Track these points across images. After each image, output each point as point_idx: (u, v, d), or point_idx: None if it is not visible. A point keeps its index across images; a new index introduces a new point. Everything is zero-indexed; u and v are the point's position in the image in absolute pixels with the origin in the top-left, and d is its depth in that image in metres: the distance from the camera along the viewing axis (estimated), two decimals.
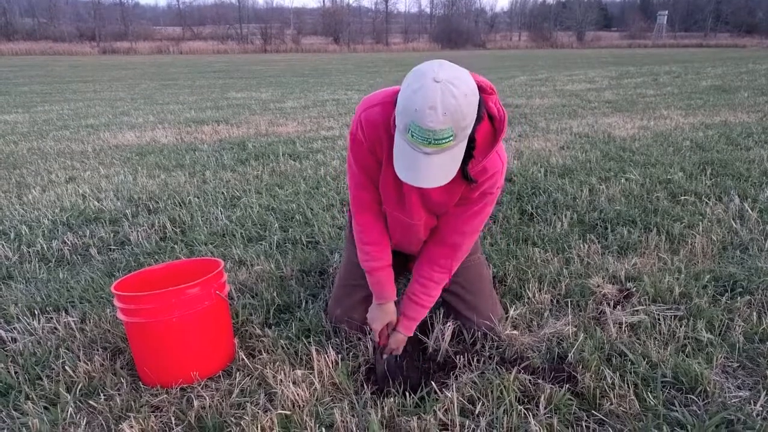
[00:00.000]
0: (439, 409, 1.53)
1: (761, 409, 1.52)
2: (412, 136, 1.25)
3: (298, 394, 1.61)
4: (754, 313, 1.99)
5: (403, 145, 1.31)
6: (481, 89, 1.36)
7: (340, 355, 1.83)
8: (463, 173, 1.45)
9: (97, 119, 7.94)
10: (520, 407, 1.53)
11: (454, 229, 1.68)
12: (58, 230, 3.17)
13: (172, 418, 1.56)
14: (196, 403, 1.61)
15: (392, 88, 1.50)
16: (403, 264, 2.02)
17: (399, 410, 1.57)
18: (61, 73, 19.89)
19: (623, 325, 1.95)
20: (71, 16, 53.59)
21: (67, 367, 1.78)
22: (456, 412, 1.51)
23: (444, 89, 1.20)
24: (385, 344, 1.80)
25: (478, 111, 1.30)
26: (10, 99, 11.05)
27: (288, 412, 1.54)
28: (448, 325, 1.91)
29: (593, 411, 1.54)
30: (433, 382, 1.66)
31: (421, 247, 1.83)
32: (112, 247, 2.94)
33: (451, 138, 1.25)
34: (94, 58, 33.84)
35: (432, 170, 1.30)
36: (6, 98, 11.21)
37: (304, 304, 2.21)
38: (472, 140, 1.37)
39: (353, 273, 1.95)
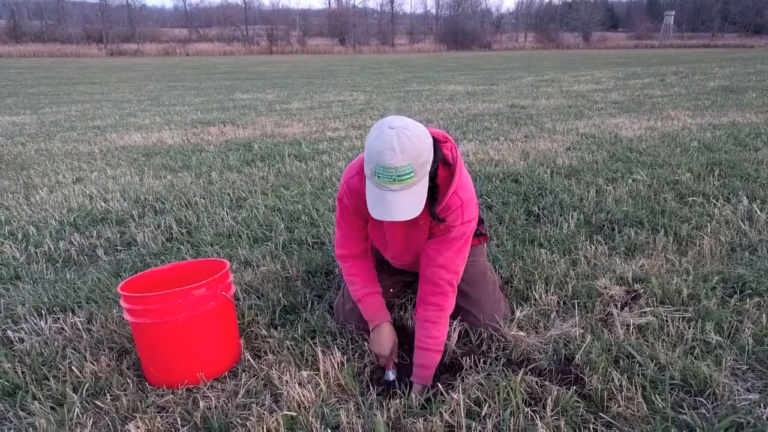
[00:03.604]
0: (445, 411, 1.52)
1: None
2: (379, 177, 1.45)
3: (303, 395, 1.61)
4: (764, 315, 1.96)
5: (372, 189, 1.51)
6: (435, 139, 1.57)
7: (345, 356, 1.83)
8: (432, 215, 1.66)
9: (104, 120, 7.99)
10: (526, 409, 1.52)
11: (431, 262, 1.76)
12: (65, 231, 3.19)
13: (178, 419, 1.57)
14: (201, 403, 1.61)
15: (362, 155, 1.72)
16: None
17: (405, 412, 1.56)
18: (69, 74, 20.03)
19: (631, 327, 1.94)
20: (79, 18, 53.98)
21: (73, 368, 1.78)
22: (462, 414, 1.51)
23: (399, 133, 1.43)
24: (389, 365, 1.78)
25: (435, 154, 1.53)
26: (18, 100, 11.13)
27: (294, 414, 1.54)
28: (454, 326, 1.91)
29: (601, 413, 1.53)
30: (439, 384, 1.65)
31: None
32: (119, 247, 2.96)
33: (412, 174, 1.44)
34: (101, 60, 34.06)
35: (399, 205, 1.47)
36: (14, 100, 11.30)
37: (310, 304, 2.20)
38: (435, 186, 1.61)
39: None
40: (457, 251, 1.74)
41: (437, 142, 1.59)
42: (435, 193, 1.62)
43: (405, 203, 1.47)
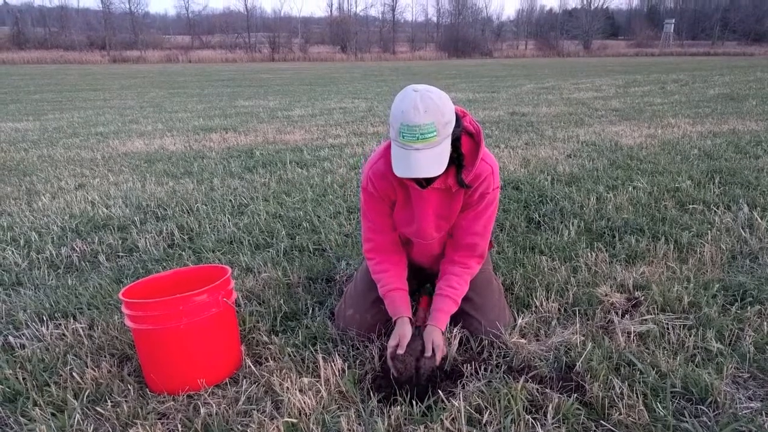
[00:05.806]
0: (446, 418, 1.52)
1: None
2: (403, 137, 1.50)
3: (304, 402, 1.61)
4: (765, 323, 1.96)
5: (397, 149, 1.56)
6: (455, 113, 1.62)
7: (346, 363, 1.83)
8: (459, 182, 1.72)
9: (106, 127, 8.02)
10: (527, 416, 1.52)
11: (466, 231, 1.84)
12: (67, 237, 3.20)
13: (179, 425, 1.57)
14: (202, 410, 1.61)
15: (385, 142, 1.78)
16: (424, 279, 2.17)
17: (406, 419, 1.56)
18: (72, 81, 20.12)
19: (632, 335, 1.94)
20: (82, 25, 54.23)
21: (74, 374, 1.78)
22: (463, 421, 1.50)
23: (422, 94, 1.51)
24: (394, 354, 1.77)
25: (457, 123, 1.60)
26: (21, 107, 11.18)
27: (294, 420, 1.54)
28: (454, 333, 1.91)
29: (602, 421, 1.53)
30: (440, 391, 1.65)
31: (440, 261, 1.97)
32: (121, 253, 2.96)
33: (435, 133, 1.50)
34: (104, 67, 34.20)
35: (423, 162, 1.51)
36: (17, 106, 11.35)
37: (311, 311, 2.21)
38: (460, 155, 1.68)
39: (371, 278, 1.99)
40: (490, 218, 1.85)
41: (458, 115, 1.66)
42: (462, 161, 1.69)
43: (428, 161, 1.52)
